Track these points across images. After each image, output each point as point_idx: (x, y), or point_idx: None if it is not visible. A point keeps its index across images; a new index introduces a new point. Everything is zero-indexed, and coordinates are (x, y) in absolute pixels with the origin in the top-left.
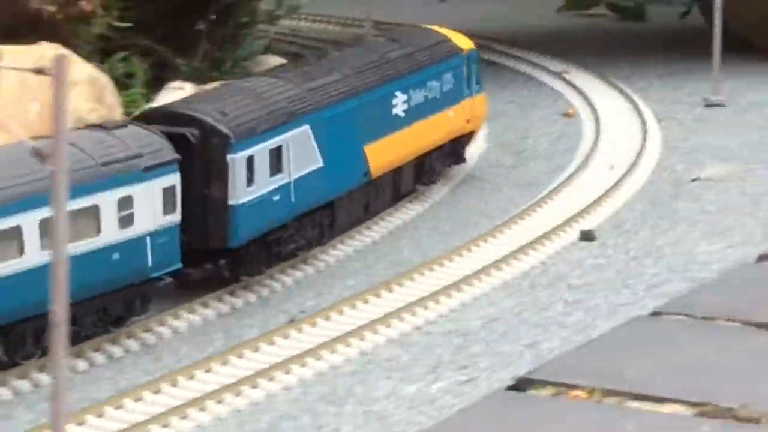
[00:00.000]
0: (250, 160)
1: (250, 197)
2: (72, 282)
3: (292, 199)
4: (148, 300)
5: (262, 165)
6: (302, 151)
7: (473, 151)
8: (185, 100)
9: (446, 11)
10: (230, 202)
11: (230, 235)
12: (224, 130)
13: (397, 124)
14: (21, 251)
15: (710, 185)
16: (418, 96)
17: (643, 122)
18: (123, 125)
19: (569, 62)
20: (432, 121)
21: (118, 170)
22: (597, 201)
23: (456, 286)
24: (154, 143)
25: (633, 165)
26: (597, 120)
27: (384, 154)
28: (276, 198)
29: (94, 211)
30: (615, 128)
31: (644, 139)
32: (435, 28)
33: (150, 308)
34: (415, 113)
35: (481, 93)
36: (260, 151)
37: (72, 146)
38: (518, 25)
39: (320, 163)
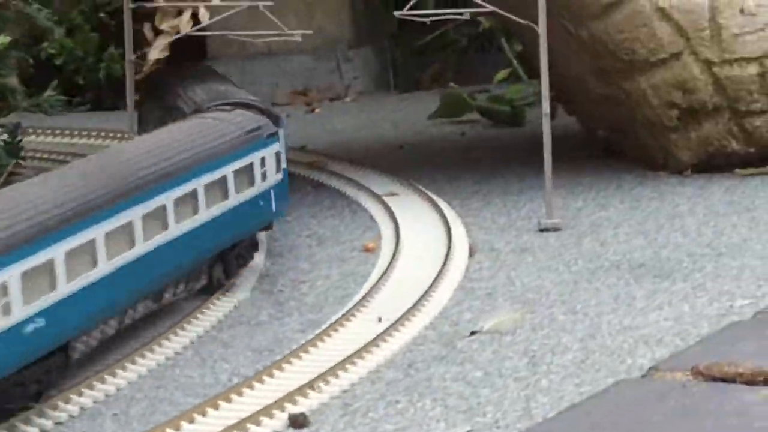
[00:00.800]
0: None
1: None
2: (240, 224)
3: None
4: (256, 243)
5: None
6: None
7: (225, 304)
8: (223, 93)
9: (310, 120)
10: (283, 166)
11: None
12: (273, 111)
13: None
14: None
15: (491, 340)
16: None
17: (448, 256)
18: (233, 108)
19: (407, 181)
20: None
21: (256, 137)
22: (334, 369)
23: None
24: (260, 120)
25: (407, 315)
26: (395, 256)
27: None
28: None
29: (250, 168)
30: (411, 266)
31: (439, 279)
32: None
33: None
34: None
35: None
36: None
37: (223, 121)
38: (378, 136)
39: None
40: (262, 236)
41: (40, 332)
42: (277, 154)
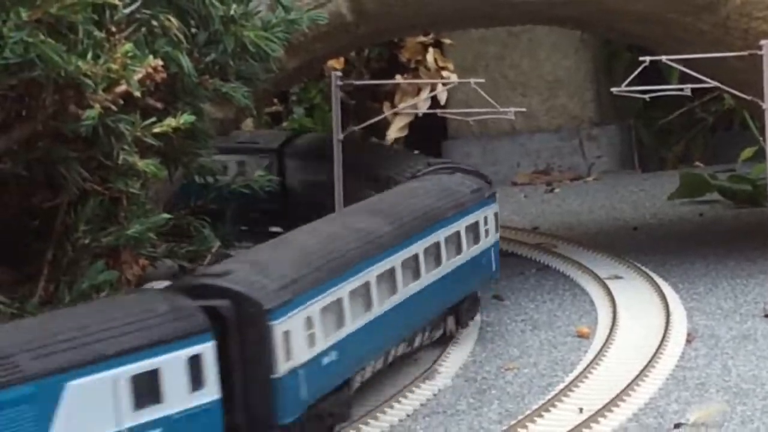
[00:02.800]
0: None
1: None
2: (470, 278)
3: None
4: (479, 300)
5: None
6: None
7: (426, 391)
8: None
9: (547, 201)
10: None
11: None
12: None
13: None
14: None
15: None
16: None
17: (663, 343)
18: (453, 172)
19: (635, 263)
20: None
21: (480, 197)
22: None
23: None
24: (480, 182)
25: (610, 406)
26: (608, 342)
27: None
28: None
29: (476, 225)
30: (623, 353)
31: (649, 367)
32: None
33: None
34: None
35: None
36: None
37: (450, 182)
38: (614, 217)
39: None
40: (476, 319)
41: (334, 365)
42: (496, 215)
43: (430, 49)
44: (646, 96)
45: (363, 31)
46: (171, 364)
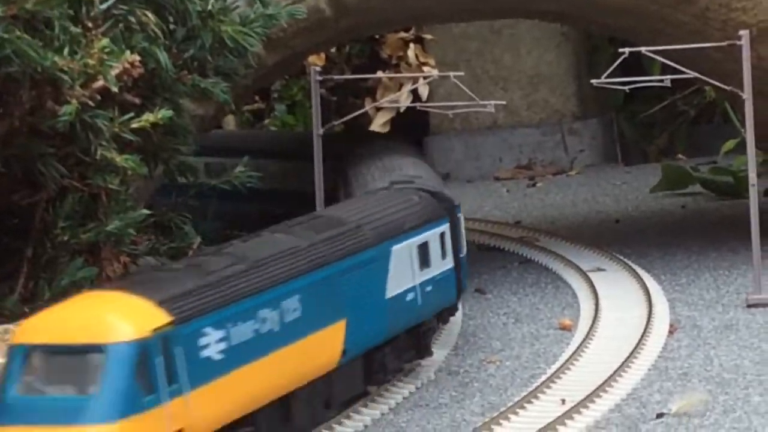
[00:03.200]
0: None
1: None
2: None
3: None
4: None
5: None
6: None
7: (408, 385)
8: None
9: (530, 195)
10: None
11: None
12: None
13: None
14: None
15: (678, 423)
16: None
17: (646, 334)
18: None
19: (617, 256)
20: None
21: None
22: None
23: None
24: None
25: (592, 397)
26: (590, 334)
27: None
28: None
29: None
30: (606, 345)
31: (632, 358)
32: None
33: None
34: None
35: None
36: None
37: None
38: (596, 210)
39: None
40: (458, 316)
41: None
42: None
43: (411, 45)
44: (627, 88)
45: (342, 26)
46: (433, 239)
